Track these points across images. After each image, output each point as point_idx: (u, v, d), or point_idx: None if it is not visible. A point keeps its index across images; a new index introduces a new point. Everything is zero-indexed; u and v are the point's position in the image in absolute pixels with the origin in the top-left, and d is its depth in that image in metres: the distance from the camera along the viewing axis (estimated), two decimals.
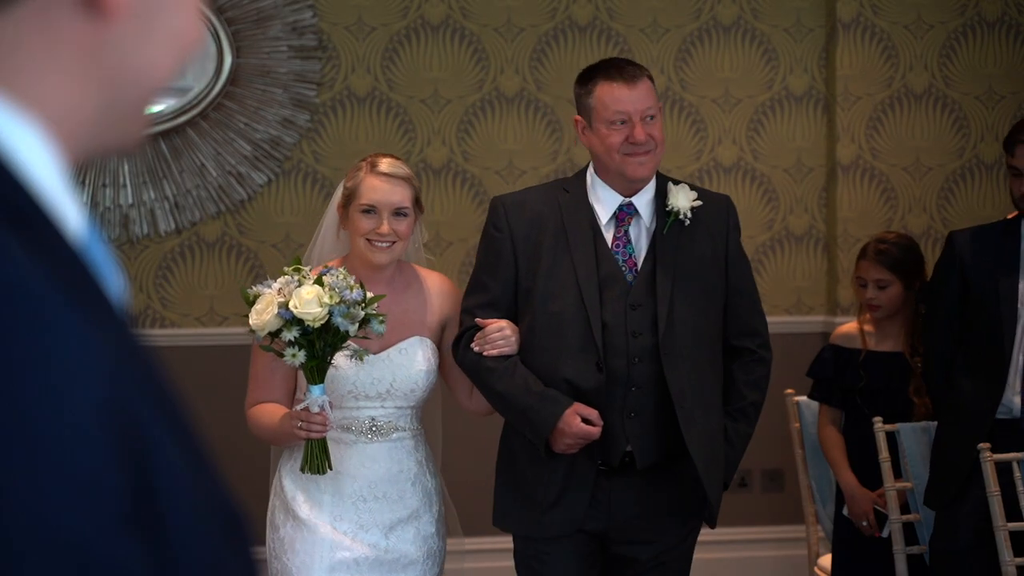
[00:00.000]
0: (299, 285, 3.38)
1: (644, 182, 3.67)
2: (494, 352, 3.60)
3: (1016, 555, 3.85)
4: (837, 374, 4.62)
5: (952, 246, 4.27)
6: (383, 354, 3.60)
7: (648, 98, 3.65)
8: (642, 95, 3.64)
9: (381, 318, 3.45)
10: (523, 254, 3.66)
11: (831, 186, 5.86)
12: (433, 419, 3.85)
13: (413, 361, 3.63)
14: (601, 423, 3.54)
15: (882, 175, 5.80)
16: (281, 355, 3.41)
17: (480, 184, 5.71)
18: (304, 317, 3.34)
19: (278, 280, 3.43)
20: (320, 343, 3.38)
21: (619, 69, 3.67)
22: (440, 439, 3.88)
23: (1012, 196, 4.26)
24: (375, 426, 3.61)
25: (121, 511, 0.83)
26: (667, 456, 3.61)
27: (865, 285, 4.64)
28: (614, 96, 3.63)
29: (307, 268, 3.48)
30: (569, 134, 5.73)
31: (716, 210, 3.73)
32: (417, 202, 3.68)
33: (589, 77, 3.73)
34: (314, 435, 3.41)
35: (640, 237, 3.68)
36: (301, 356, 3.38)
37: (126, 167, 5.49)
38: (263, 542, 3.73)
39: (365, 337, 3.46)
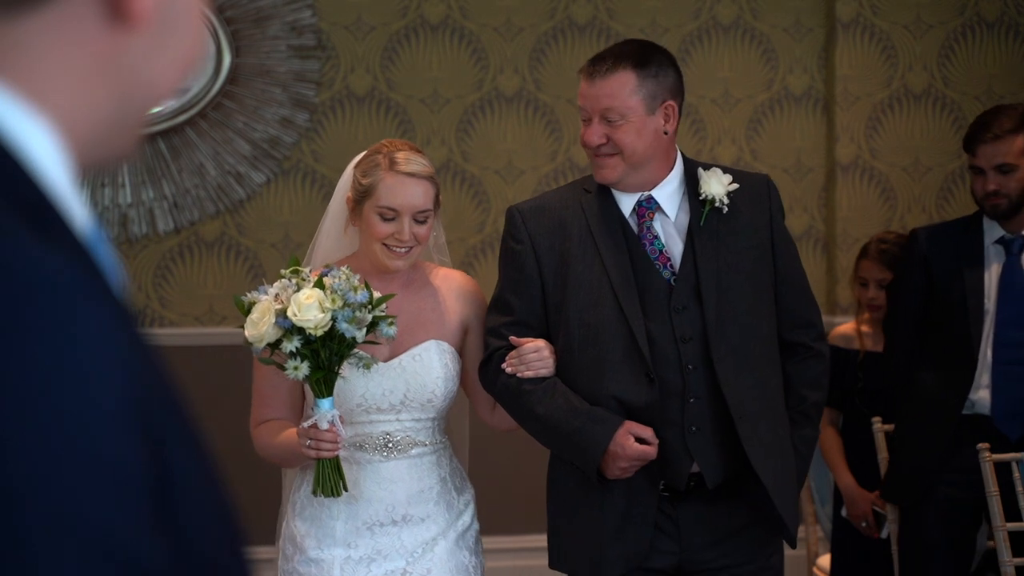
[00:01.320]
0: (298, 289, 3.06)
1: (613, 186, 3.32)
2: (530, 374, 3.26)
3: (992, 555, 3.85)
4: (835, 375, 4.62)
5: (916, 242, 4.28)
6: (394, 361, 3.26)
7: (613, 96, 3.25)
8: (602, 92, 3.25)
9: (390, 320, 3.12)
10: (548, 265, 3.31)
11: (830, 186, 5.86)
12: (460, 427, 3.53)
13: (429, 368, 3.27)
14: (657, 441, 3.18)
15: (881, 175, 5.81)
16: (283, 368, 3.09)
17: (479, 184, 5.71)
18: (304, 325, 3.01)
19: (274, 285, 3.11)
20: (325, 352, 3.06)
21: (591, 61, 3.32)
22: (467, 447, 3.57)
23: (975, 196, 4.26)
24: (390, 442, 3.26)
25: (146, 502, 0.84)
26: (737, 472, 3.25)
27: (866, 285, 4.65)
28: (581, 91, 3.32)
29: (307, 270, 3.15)
30: (568, 133, 5.73)
31: (755, 192, 3.38)
32: (437, 200, 3.33)
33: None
34: (325, 454, 3.09)
35: (668, 231, 3.32)
36: (304, 368, 3.06)
37: (125, 167, 5.49)
38: (264, 542, 3.71)
39: (374, 342, 3.15)
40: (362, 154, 3.36)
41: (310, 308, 3.02)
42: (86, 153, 0.98)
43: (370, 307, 3.08)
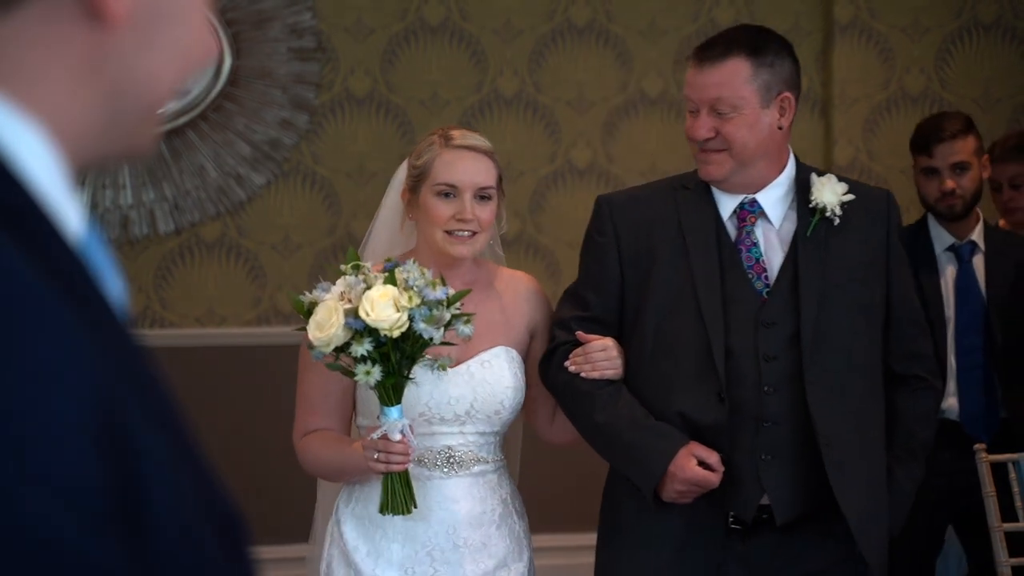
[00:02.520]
0: (367, 287, 2.75)
1: (718, 184, 3.03)
2: (595, 374, 2.98)
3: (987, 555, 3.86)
4: None
5: None
6: (462, 367, 2.96)
7: (724, 85, 2.96)
8: (712, 80, 2.96)
9: (467, 318, 2.82)
10: (631, 263, 3.03)
11: None
12: (513, 442, 3.23)
13: (499, 376, 2.99)
14: (722, 469, 2.89)
15: (879, 177, 5.81)
16: (350, 374, 2.79)
17: None
18: (378, 326, 2.70)
19: (338, 282, 2.80)
20: (396, 355, 2.75)
21: (700, 47, 3.04)
22: (518, 463, 3.27)
23: (926, 199, 4.29)
24: (452, 457, 2.97)
25: (101, 511, 0.83)
26: (815, 507, 2.94)
27: None
28: (688, 79, 3.03)
29: (367, 265, 2.85)
30: (567, 135, 5.73)
31: (873, 207, 3.06)
32: (500, 182, 3.04)
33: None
34: (395, 468, 2.79)
35: (769, 240, 3.02)
36: (376, 373, 2.75)
37: (126, 168, 5.49)
38: (271, 541, 3.67)
39: (449, 343, 2.83)
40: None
41: (384, 307, 2.72)
42: (82, 152, 0.98)
43: (447, 304, 2.79)
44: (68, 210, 0.94)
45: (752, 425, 2.92)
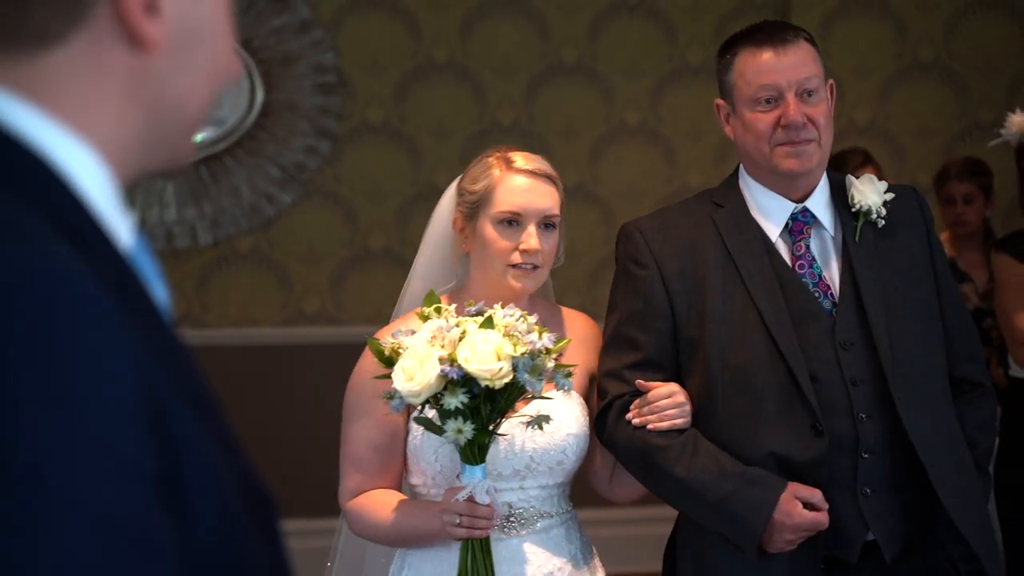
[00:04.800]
0: (462, 334, 2.17)
1: (804, 178, 2.47)
2: (663, 425, 2.37)
3: None
4: None
5: None
6: (515, 419, 2.32)
7: (807, 65, 2.42)
8: (797, 60, 2.41)
9: (568, 370, 2.25)
10: (679, 293, 2.43)
11: None
12: None
13: (560, 424, 2.37)
14: (827, 506, 2.33)
15: None
16: (437, 430, 2.21)
17: None
18: (479, 375, 2.13)
19: (425, 326, 2.22)
20: (486, 408, 2.18)
21: (763, 33, 2.45)
22: None
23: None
24: (513, 515, 2.36)
25: (151, 490, 0.82)
26: (918, 535, 2.44)
27: None
28: (765, 66, 2.42)
29: (451, 308, 2.27)
30: (558, 160, 5.71)
31: (907, 205, 2.54)
32: (562, 207, 2.46)
33: (729, 45, 2.51)
34: (478, 533, 2.22)
35: (827, 252, 2.48)
36: (469, 430, 2.16)
37: (171, 189, 5.50)
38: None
39: (546, 397, 2.26)
40: (462, 175, 2.54)
41: (487, 355, 2.14)
42: (129, 168, 0.97)
43: (551, 354, 2.22)
44: (119, 225, 0.94)
45: (850, 458, 2.37)
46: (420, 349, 2.16)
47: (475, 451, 2.21)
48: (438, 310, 2.25)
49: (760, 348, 2.37)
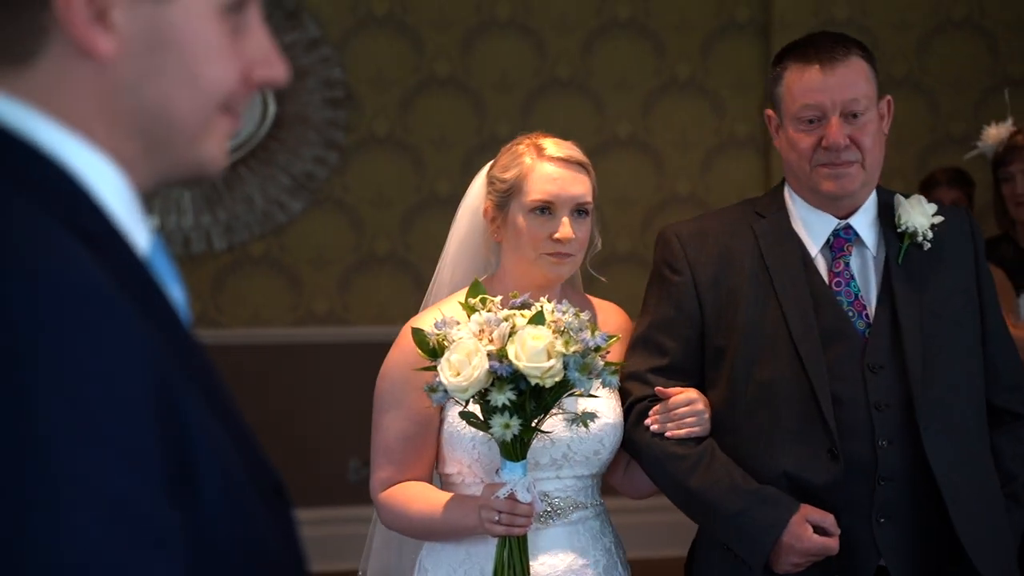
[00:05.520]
0: (512, 329, 2.03)
1: (847, 199, 2.31)
2: (681, 433, 2.26)
3: None
4: None
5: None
6: (565, 414, 2.19)
7: (856, 85, 2.25)
8: (846, 80, 2.24)
9: (614, 368, 2.13)
10: (711, 303, 2.31)
11: None
12: None
13: (598, 415, 2.21)
14: (838, 532, 2.20)
15: None
16: (483, 426, 2.08)
17: None
18: (529, 372, 2.00)
19: (472, 319, 2.07)
20: (531, 405, 2.05)
21: (813, 49, 2.27)
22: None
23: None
24: (549, 505, 2.24)
25: (162, 478, 0.82)
26: (932, 566, 2.26)
27: None
28: (811, 85, 2.25)
29: (496, 300, 2.12)
30: None
31: (956, 227, 2.36)
32: (595, 195, 2.35)
33: (781, 57, 2.34)
34: (517, 530, 2.09)
35: (867, 271, 2.32)
36: (515, 426, 2.03)
37: (187, 196, 5.53)
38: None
39: (592, 395, 2.13)
40: (491, 162, 2.38)
41: (538, 352, 2.00)
42: (142, 178, 0.94)
43: (602, 351, 2.10)
44: (137, 231, 0.93)
45: (867, 484, 2.22)
46: (468, 343, 2.03)
47: (518, 448, 2.09)
48: (483, 301, 2.10)
49: (785, 364, 2.24)
